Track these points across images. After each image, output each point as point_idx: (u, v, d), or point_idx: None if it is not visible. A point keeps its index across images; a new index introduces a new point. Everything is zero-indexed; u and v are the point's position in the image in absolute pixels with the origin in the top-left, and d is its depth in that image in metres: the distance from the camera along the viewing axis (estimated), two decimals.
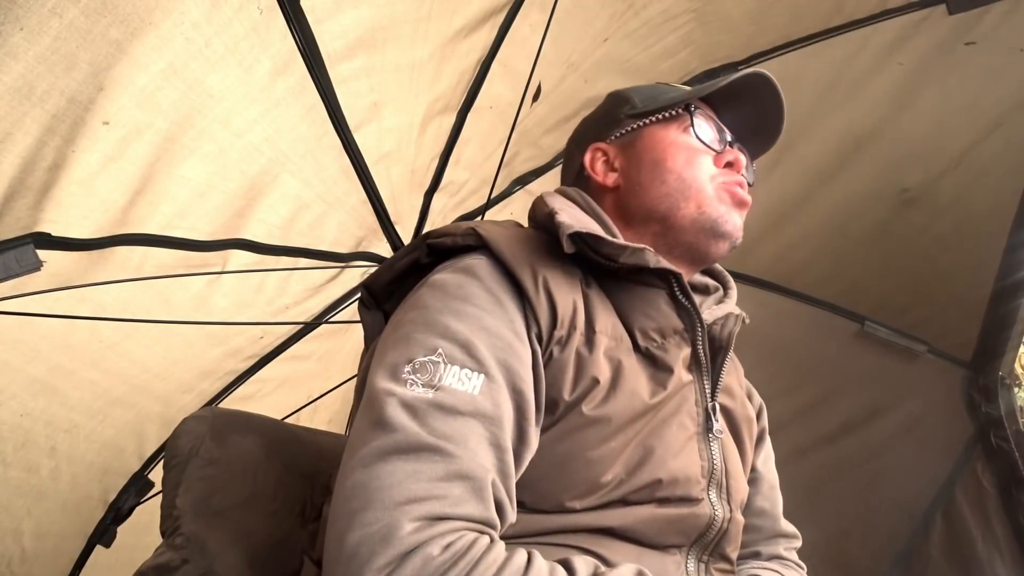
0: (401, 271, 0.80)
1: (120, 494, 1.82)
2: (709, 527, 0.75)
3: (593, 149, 0.91)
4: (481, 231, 0.74)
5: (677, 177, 0.83)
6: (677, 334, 0.77)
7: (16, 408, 1.37)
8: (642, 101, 0.90)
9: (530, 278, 0.71)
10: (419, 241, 0.79)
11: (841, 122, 1.87)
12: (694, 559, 0.75)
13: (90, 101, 0.94)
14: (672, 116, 0.87)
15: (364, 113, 1.37)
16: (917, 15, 1.63)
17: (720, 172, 0.85)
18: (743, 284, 2.34)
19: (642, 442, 0.71)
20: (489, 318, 0.68)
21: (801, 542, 0.98)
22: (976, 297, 1.94)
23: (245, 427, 0.99)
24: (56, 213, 1.03)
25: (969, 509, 2.03)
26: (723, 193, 0.84)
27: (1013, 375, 2.03)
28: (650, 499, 0.71)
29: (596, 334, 0.72)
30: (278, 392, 2.01)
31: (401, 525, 0.55)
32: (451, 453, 0.60)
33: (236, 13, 1.01)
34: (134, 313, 1.41)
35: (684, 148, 0.85)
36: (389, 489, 0.57)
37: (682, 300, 0.77)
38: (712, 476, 0.76)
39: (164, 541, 0.86)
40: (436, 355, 0.64)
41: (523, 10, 1.47)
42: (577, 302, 0.73)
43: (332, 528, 0.59)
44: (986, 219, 1.84)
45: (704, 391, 0.79)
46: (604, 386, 0.70)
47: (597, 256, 0.75)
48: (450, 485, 0.59)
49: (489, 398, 0.64)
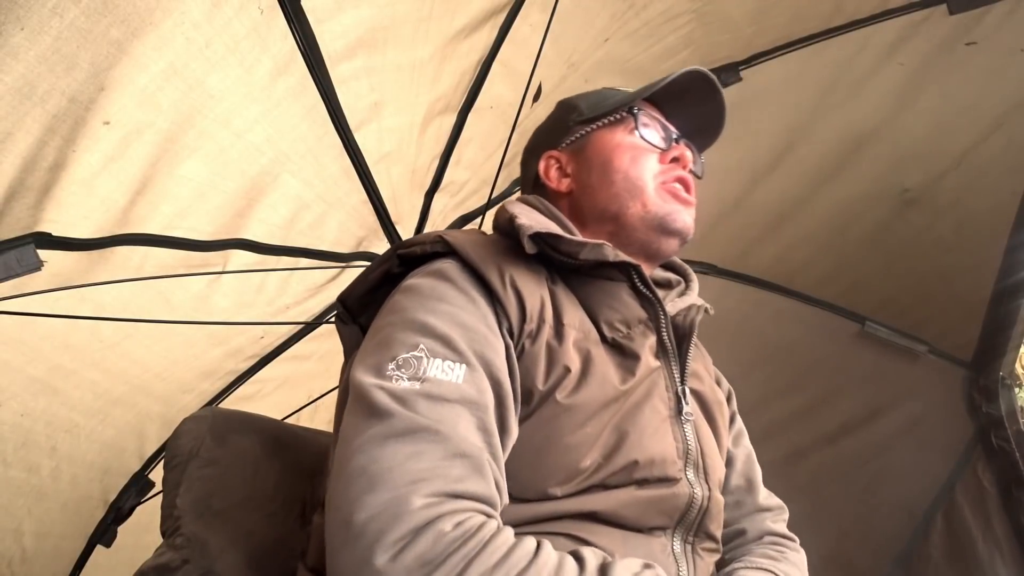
0: (374, 283, 0.83)
1: (120, 494, 1.82)
2: (689, 507, 0.76)
3: (546, 157, 0.95)
4: (448, 238, 0.78)
5: (624, 177, 0.88)
6: (642, 323, 0.81)
7: (16, 408, 1.37)
8: (588, 107, 0.95)
9: (497, 277, 0.75)
10: (389, 252, 0.83)
11: (841, 122, 1.87)
12: (679, 541, 0.77)
13: (91, 101, 0.94)
14: (618, 119, 0.91)
15: (365, 113, 1.37)
16: (918, 15, 1.63)
17: (665, 169, 0.89)
18: (743, 284, 2.35)
19: (616, 427, 0.74)
20: (463, 314, 0.71)
21: (788, 513, 0.99)
22: (977, 297, 1.94)
23: (245, 427, 0.99)
24: (57, 213, 1.04)
25: (970, 509, 2.03)
26: (664, 192, 0.88)
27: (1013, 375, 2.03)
28: (629, 481, 0.73)
29: (564, 327, 0.76)
30: (278, 392, 2.01)
31: (411, 501, 0.56)
32: (447, 434, 0.62)
33: (237, 13, 1.01)
34: (134, 313, 1.41)
35: (630, 148, 0.89)
36: (392, 471, 0.58)
37: (643, 291, 0.81)
38: (688, 456, 0.78)
39: (164, 541, 0.86)
40: (418, 351, 0.67)
41: (524, 10, 1.47)
42: (544, 298, 0.77)
43: (335, 515, 0.59)
44: (986, 219, 1.84)
45: (673, 376, 0.82)
46: (575, 374, 0.73)
47: (558, 254, 0.79)
48: (451, 464, 0.60)
49: (473, 385, 0.66)
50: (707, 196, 1.03)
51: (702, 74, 0.90)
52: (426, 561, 0.54)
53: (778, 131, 1.93)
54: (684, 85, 0.91)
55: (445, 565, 0.54)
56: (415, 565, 0.54)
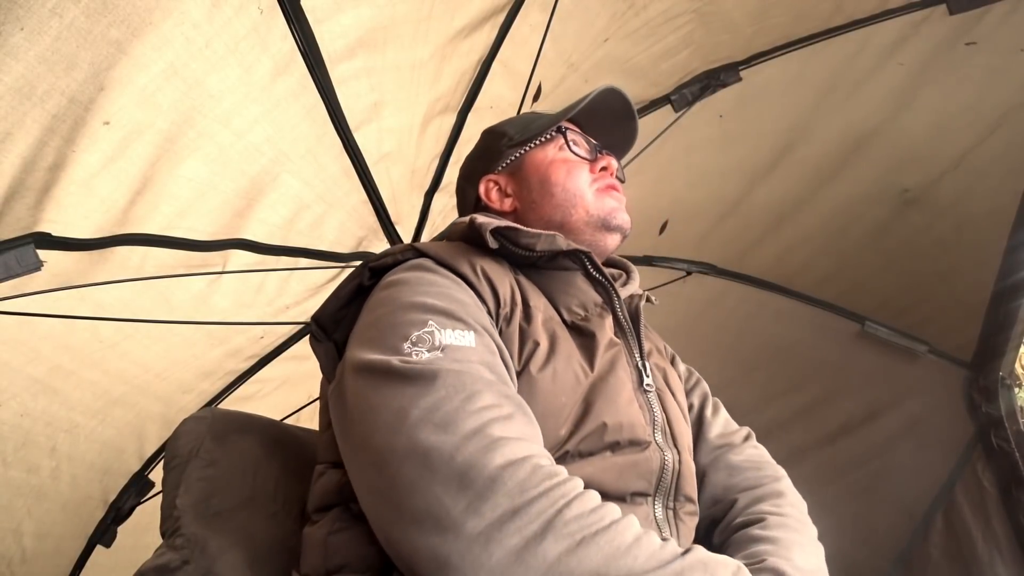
0: (346, 298, 0.85)
1: (120, 494, 1.82)
2: (663, 470, 0.80)
3: (485, 181, 1.03)
4: (418, 246, 0.85)
5: (562, 189, 0.97)
6: (598, 306, 0.89)
7: (16, 408, 1.37)
8: (517, 132, 1.04)
9: (469, 269, 0.81)
10: (359, 268, 0.86)
11: (841, 122, 1.87)
12: (660, 507, 0.80)
13: (90, 101, 0.94)
14: (548, 139, 1.01)
15: (364, 113, 1.37)
16: (918, 15, 1.63)
17: (597, 177, 0.99)
18: (744, 284, 2.36)
19: (584, 398, 0.79)
20: (455, 292, 0.77)
21: (753, 433, 1.02)
22: (976, 298, 1.94)
23: (245, 427, 0.99)
24: (56, 213, 1.03)
25: (970, 509, 2.04)
26: (601, 195, 0.98)
27: (1013, 375, 2.03)
28: (602, 446, 0.77)
29: (531, 308, 0.83)
30: (278, 392, 2.01)
31: (506, 447, 0.61)
32: (488, 380, 0.68)
33: (236, 13, 1.01)
34: (134, 313, 1.41)
35: (563, 163, 0.99)
36: (465, 422, 0.62)
37: (596, 276, 0.89)
38: (655, 423, 0.84)
39: (164, 542, 0.85)
40: (428, 326, 0.71)
41: (523, 10, 1.47)
42: (512, 284, 0.84)
43: (434, 490, 0.60)
44: (986, 220, 1.84)
45: (632, 352, 0.89)
46: (544, 349, 0.79)
47: (517, 248, 0.86)
48: (505, 405, 0.67)
49: (485, 348, 0.72)
50: (707, 196, 1.04)
51: (617, 92, 1.00)
52: (544, 490, 0.59)
53: (778, 131, 1.93)
54: (601, 104, 1.00)
55: (550, 495, 0.59)
56: (546, 499, 0.58)
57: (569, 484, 0.61)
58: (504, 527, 0.56)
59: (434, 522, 0.58)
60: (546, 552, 0.55)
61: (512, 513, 0.57)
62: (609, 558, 0.55)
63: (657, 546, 0.58)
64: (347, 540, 0.73)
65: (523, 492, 0.58)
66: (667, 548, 0.58)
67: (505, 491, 0.58)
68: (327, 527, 0.75)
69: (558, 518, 0.57)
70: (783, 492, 0.91)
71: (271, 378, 1.95)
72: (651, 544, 0.58)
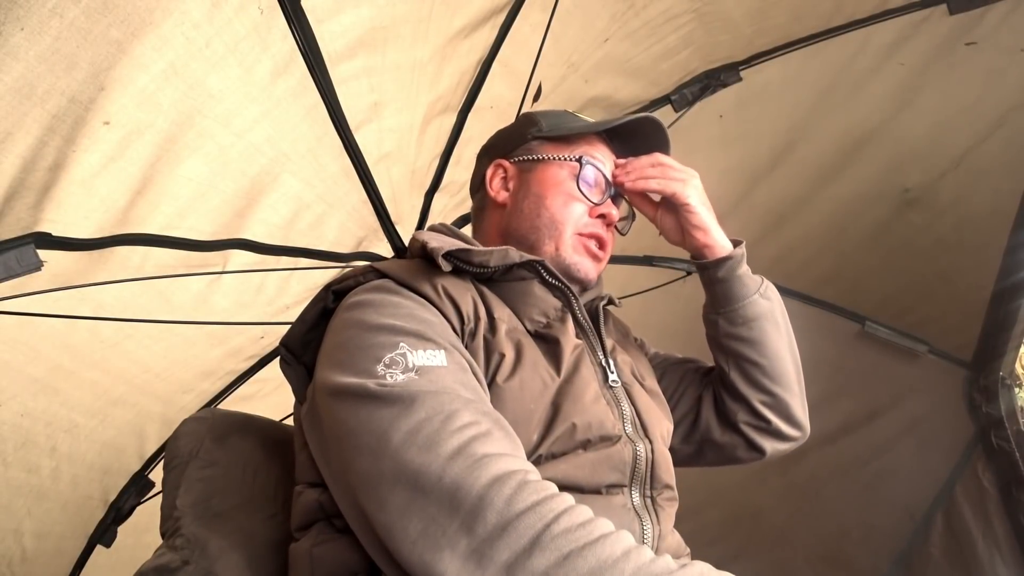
0: (312, 321, 0.87)
1: (120, 494, 1.82)
2: (636, 460, 0.83)
3: (496, 164, 1.04)
4: (378, 267, 0.87)
5: (550, 216, 0.96)
6: (558, 311, 0.90)
7: (16, 408, 1.37)
8: (549, 126, 1.01)
9: (431, 288, 0.82)
10: (323, 291, 0.88)
11: (841, 122, 1.87)
12: (638, 495, 0.83)
13: (91, 101, 0.94)
14: (568, 159, 0.98)
15: (365, 113, 1.37)
16: (918, 15, 1.63)
17: (588, 223, 0.97)
18: None
19: (552, 402, 0.81)
20: (420, 312, 0.78)
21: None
22: (977, 298, 1.94)
23: (245, 428, 0.99)
24: (56, 213, 1.03)
25: (970, 509, 2.04)
26: (578, 243, 0.96)
27: (1013, 375, 2.03)
28: (573, 445, 0.79)
29: (496, 319, 0.84)
30: (278, 392, 2.01)
31: (495, 462, 0.63)
32: (466, 398, 0.69)
33: (237, 13, 1.01)
34: (134, 313, 1.41)
35: (565, 192, 0.97)
36: (449, 442, 0.63)
37: (552, 282, 0.90)
38: (624, 417, 0.86)
39: (164, 542, 0.85)
40: (400, 348, 0.72)
41: (524, 10, 1.47)
42: (475, 299, 0.85)
43: (425, 508, 0.61)
44: (987, 220, 1.84)
45: (595, 350, 0.92)
46: (510, 360, 0.80)
47: (472, 267, 0.86)
48: (483, 422, 0.67)
49: (456, 365, 0.73)
50: (707, 196, 1.04)
51: (655, 123, 0.99)
52: (533, 503, 0.60)
53: (778, 131, 1.93)
54: (635, 127, 0.99)
55: (542, 506, 0.60)
56: (533, 514, 0.59)
57: (557, 499, 0.61)
58: (495, 544, 0.57)
59: (431, 542, 0.59)
60: (535, 566, 0.56)
61: (501, 529, 0.58)
62: (596, 571, 0.55)
63: (647, 559, 0.58)
64: (331, 551, 0.74)
65: (510, 508, 0.59)
66: (658, 562, 0.58)
67: (494, 508, 0.59)
68: (311, 541, 0.76)
69: (546, 532, 0.57)
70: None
71: (271, 378, 1.95)
72: (640, 558, 0.57)
